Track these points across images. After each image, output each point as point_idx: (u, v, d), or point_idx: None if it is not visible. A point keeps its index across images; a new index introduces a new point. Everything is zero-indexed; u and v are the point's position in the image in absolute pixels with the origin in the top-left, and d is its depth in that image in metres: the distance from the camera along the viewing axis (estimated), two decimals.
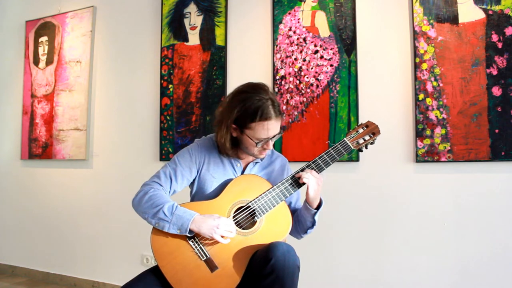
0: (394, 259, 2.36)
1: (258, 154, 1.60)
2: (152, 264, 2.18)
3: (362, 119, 2.40)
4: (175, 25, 3.07)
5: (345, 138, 1.60)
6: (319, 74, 2.56)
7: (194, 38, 3.00)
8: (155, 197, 1.52)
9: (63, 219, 3.49)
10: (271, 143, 1.57)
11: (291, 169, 1.75)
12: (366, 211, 2.43)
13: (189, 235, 1.49)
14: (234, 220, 1.54)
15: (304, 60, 2.60)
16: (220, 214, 1.53)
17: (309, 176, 1.54)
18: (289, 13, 2.66)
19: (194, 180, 1.66)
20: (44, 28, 3.67)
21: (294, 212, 1.69)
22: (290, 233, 1.68)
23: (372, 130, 1.62)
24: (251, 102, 1.49)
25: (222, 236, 1.47)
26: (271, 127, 1.51)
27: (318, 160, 1.58)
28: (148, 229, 1.54)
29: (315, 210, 1.59)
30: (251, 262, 1.46)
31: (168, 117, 3.05)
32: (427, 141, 2.29)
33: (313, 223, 1.63)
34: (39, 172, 3.64)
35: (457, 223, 2.24)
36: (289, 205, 1.69)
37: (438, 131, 2.26)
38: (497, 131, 2.15)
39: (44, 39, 3.66)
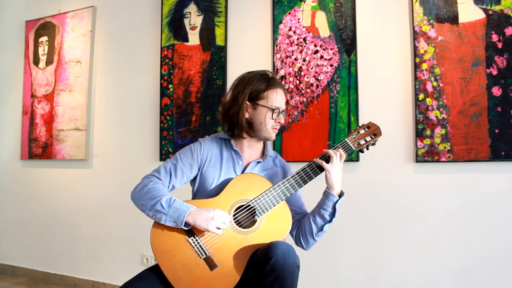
0: (394, 259, 2.36)
1: (272, 129, 1.64)
2: (152, 264, 2.18)
3: (362, 119, 2.40)
4: (175, 25, 3.07)
5: (346, 139, 1.60)
6: (319, 74, 2.56)
7: (194, 38, 3.00)
8: (153, 189, 1.54)
9: (63, 219, 3.49)
10: (282, 117, 1.65)
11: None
12: (366, 211, 2.43)
13: (185, 228, 1.49)
14: (234, 219, 1.54)
15: (304, 60, 2.61)
16: None
17: (336, 153, 1.55)
18: (289, 13, 2.67)
19: (195, 178, 1.67)
20: (44, 28, 3.67)
21: (302, 215, 1.68)
22: (297, 243, 1.66)
23: (374, 131, 1.62)
24: (259, 77, 1.64)
25: (218, 228, 1.47)
26: (281, 95, 1.65)
27: (319, 160, 1.58)
28: (148, 229, 1.54)
29: (337, 198, 1.56)
30: (250, 261, 1.46)
31: (168, 117, 3.05)
32: (427, 141, 2.29)
33: (332, 215, 1.57)
34: (39, 172, 3.64)
35: (457, 223, 2.23)
36: (300, 208, 1.70)
37: (438, 131, 2.26)
38: (497, 131, 2.15)
39: (44, 39, 3.66)
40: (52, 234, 3.53)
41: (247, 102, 1.62)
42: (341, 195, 1.58)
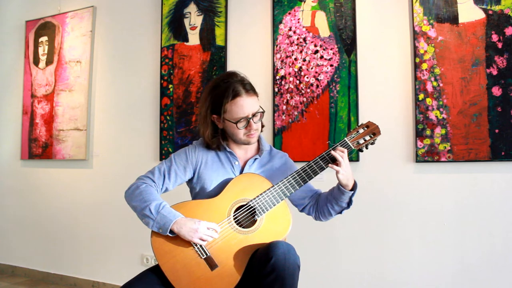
0: (394, 259, 2.36)
1: (246, 137, 1.61)
2: (152, 264, 2.18)
3: (362, 119, 2.40)
4: (175, 25, 3.07)
5: (345, 138, 1.60)
6: (319, 74, 2.56)
7: (194, 38, 3.00)
8: (145, 192, 1.55)
9: (63, 219, 3.49)
10: (253, 122, 1.57)
11: (293, 162, 1.75)
12: (366, 211, 2.43)
13: (170, 235, 1.49)
14: (234, 219, 1.54)
15: (304, 60, 2.61)
16: (220, 213, 1.54)
17: (342, 155, 1.54)
18: (289, 13, 2.67)
19: (192, 180, 1.67)
20: (44, 28, 3.67)
21: (316, 198, 1.71)
22: (316, 219, 1.72)
23: (373, 130, 1.62)
24: (219, 87, 1.57)
25: (202, 239, 1.48)
26: (245, 103, 1.55)
27: (318, 160, 1.58)
28: (148, 229, 1.54)
29: (352, 192, 1.58)
30: (251, 261, 1.46)
31: (168, 117, 3.05)
32: (427, 141, 2.29)
33: (350, 204, 1.63)
34: (39, 172, 3.64)
35: (457, 223, 2.24)
36: (311, 190, 1.73)
37: (438, 131, 2.27)
38: (497, 131, 2.15)
39: (44, 39, 3.66)
40: (52, 234, 3.53)
41: (214, 116, 1.61)
42: (354, 186, 1.60)
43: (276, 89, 2.67)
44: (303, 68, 2.61)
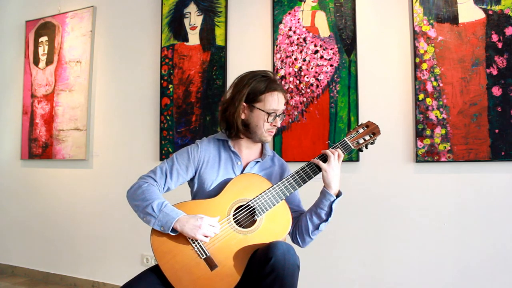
0: (394, 259, 2.36)
1: (267, 133, 1.63)
2: (152, 264, 2.18)
3: (362, 119, 2.40)
4: (175, 25, 3.07)
5: (345, 138, 1.60)
6: (319, 74, 2.56)
7: (194, 38, 3.00)
8: (147, 191, 1.55)
9: (63, 219, 3.49)
10: (278, 120, 1.64)
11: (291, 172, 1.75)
12: (366, 211, 2.43)
13: (172, 234, 1.49)
14: (234, 219, 1.54)
15: (304, 60, 2.61)
16: (219, 213, 1.54)
17: (334, 152, 1.54)
18: (289, 13, 2.67)
19: (193, 179, 1.67)
20: (44, 28, 3.67)
21: (298, 214, 1.68)
22: (293, 240, 1.66)
23: (373, 130, 1.62)
24: (259, 79, 1.62)
25: (206, 236, 1.48)
26: (280, 99, 1.62)
27: (318, 159, 1.58)
28: (148, 229, 1.55)
29: (335, 197, 1.56)
30: (251, 261, 1.46)
31: (168, 117, 3.05)
32: (427, 141, 2.29)
33: (329, 215, 1.57)
34: (39, 172, 3.64)
35: (457, 223, 2.23)
36: (297, 205, 1.71)
37: (438, 131, 2.26)
38: (497, 131, 2.15)
39: (44, 39, 3.66)
40: (52, 234, 3.53)
41: (244, 104, 1.62)
42: (338, 195, 1.58)
43: None
44: (303, 68, 2.61)
